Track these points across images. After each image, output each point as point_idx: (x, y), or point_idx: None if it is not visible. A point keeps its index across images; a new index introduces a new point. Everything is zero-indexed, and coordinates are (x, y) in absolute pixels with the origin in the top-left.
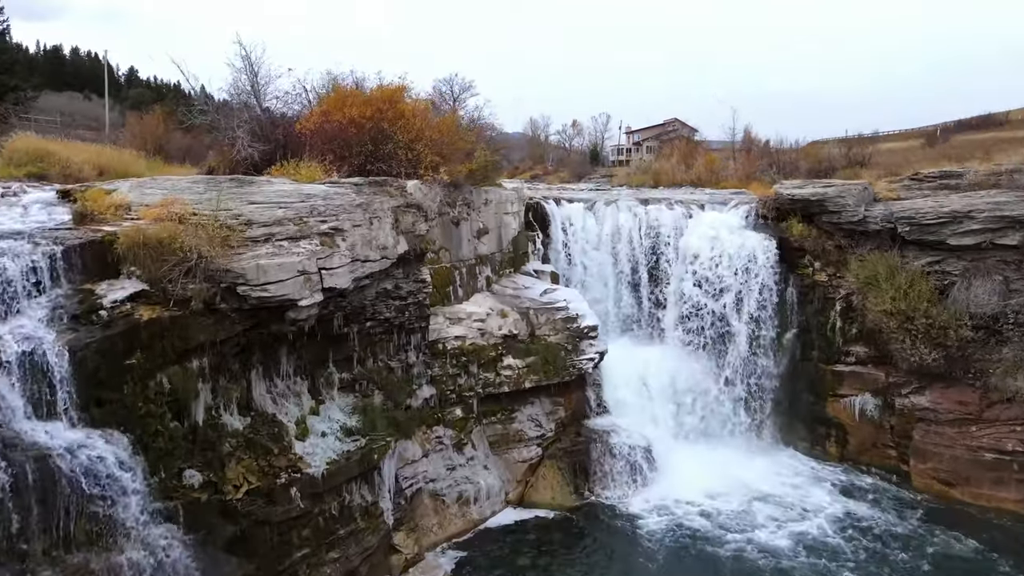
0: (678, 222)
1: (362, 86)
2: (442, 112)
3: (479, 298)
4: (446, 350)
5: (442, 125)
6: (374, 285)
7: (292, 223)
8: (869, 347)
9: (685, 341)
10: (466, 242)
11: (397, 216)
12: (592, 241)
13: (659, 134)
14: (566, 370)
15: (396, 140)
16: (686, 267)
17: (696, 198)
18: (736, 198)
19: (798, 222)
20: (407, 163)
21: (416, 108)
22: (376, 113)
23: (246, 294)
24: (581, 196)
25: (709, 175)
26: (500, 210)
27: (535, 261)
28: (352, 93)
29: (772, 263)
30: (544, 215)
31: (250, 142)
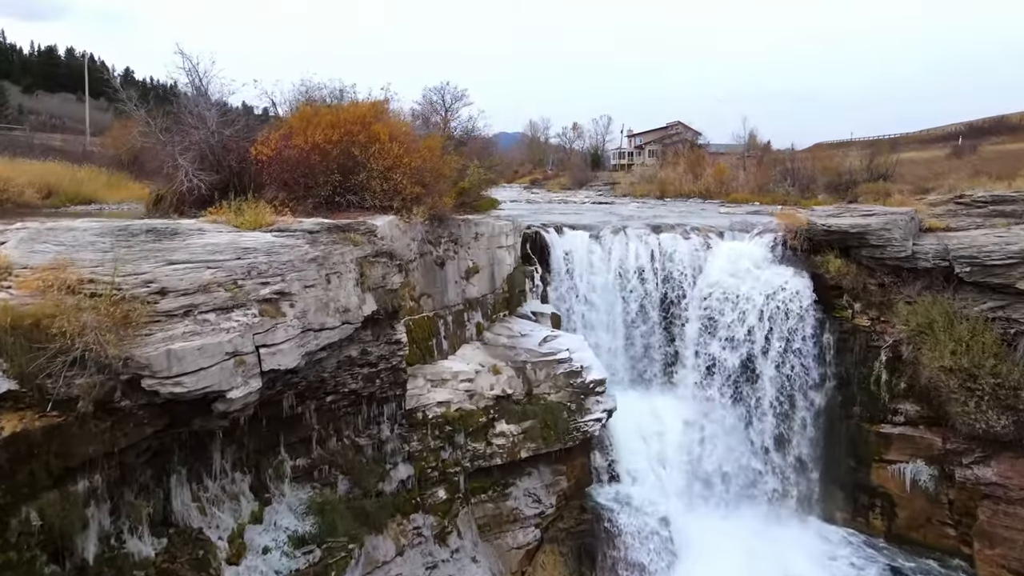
0: (695, 254)
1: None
2: (433, 125)
3: (468, 351)
4: (427, 419)
5: (425, 149)
6: (334, 354)
7: (223, 288)
8: (921, 405)
9: (705, 393)
10: (452, 285)
11: (363, 269)
12: (598, 276)
13: (662, 137)
14: (569, 434)
15: (369, 169)
16: (705, 307)
17: (713, 223)
18: (759, 223)
19: (835, 256)
20: (382, 195)
21: (394, 130)
22: (345, 136)
23: (153, 389)
24: (584, 221)
25: (718, 186)
26: (493, 244)
27: (533, 300)
28: (318, 112)
29: (806, 304)
30: (544, 246)
31: (196, 170)
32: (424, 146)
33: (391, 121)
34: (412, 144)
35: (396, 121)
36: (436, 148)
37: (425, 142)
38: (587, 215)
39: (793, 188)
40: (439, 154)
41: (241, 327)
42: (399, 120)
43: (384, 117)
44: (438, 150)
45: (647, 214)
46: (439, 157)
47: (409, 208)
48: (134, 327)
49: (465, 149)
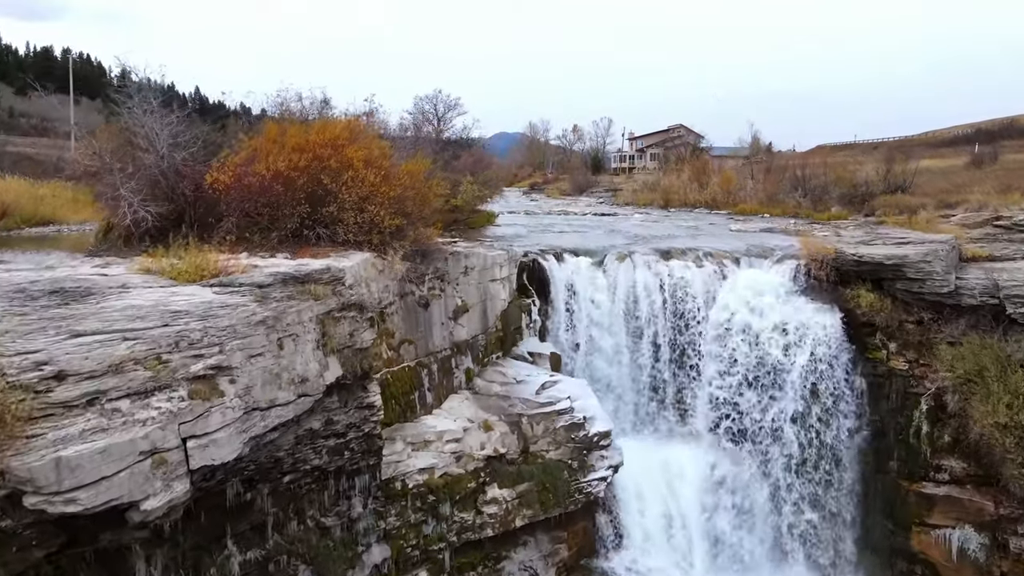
0: (709, 283)
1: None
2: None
3: (456, 402)
4: (407, 489)
5: (406, 175)
6: (291, 430)
7: (142, 366)
8: (969, 463)
9: (722, 441)
10: (438, 327)
11: (326, 328)
12: (602, 309)
13: (663, 140)
14: (570, 496)
15: (341, 200)
16: (721, 344)
17: (727, 247)
18: (777, 246)
19: (867, 290)
20: (357, 229)
21: (371, 154)
22: (314, 162)
23: (39, 507)
24: (587, 243)
25: (725, 196)
26: (485, 278)
27: (531, 338)
28: (285, 132)
29: (834, 343)
30: (542, 276)
31: (142, 201)
32: (404, 171)
33: (368, 142)
34: (392, 169)
35: (374, 142)
36: (420, 172)
37: (405, 166)
38: (590, 235)
39: (805, 199)
40: (423, 179)
41: (163, 416)
42: (378, 141)
43: (361, 137)
44: (422, 174)
45: (653, 232)
46: (423, 182)
47: (388, 243)
48: (13, 425)
49: (457, 164)
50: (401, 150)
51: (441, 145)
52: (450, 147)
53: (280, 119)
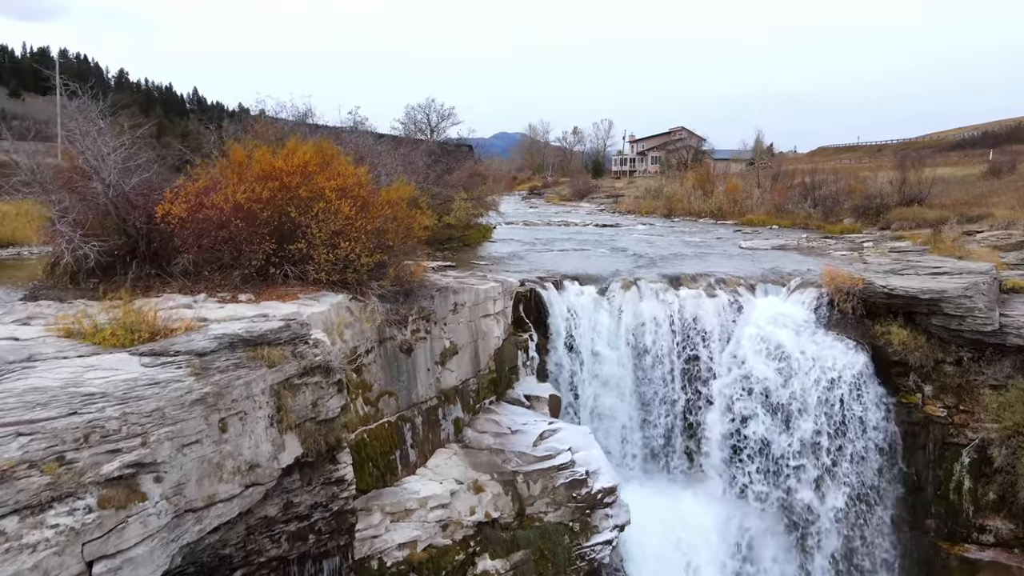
0: (723, 316)
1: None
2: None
3: (442, 460)
4: (384, 569)
5: (385, 205)
6: (242, 521)
7: (38, 470)
8: (1017, 523)
9: (741, 493)
10: (423, 374)
11: (282, 400)
12: (606, 344)
13: (665, 143)
14: (571, 564)
15: (311, 235)
16: (738, 384)
17: (740, 271)
18: (794, 270)
19: (899, 326)
20: (330, 267)
21: (345, 182)
22: (281, 192)
23: None
24: (588, 268)
25: (731, 205)
26: (477, 314)
27: (528, 377)
28: (251, 155)
29: (863, 385)
30: (541, 307)
31: (83, 236)
32: (385, 200)
33: (342, 168)
34: (371, 197)
35: (348, 169)
36: (403, 200)
37: (386, 194)
38: (592, 253)
39: (815, 209)
40: (407, 207)
41: (62, 536)
42: (352, 167)
43: (335, 163)
44: (405, 202)
45: (658, 249)
46: (407, 211)
47: (365, 283)
48: None
49: (451, 179)
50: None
51: (434, 158)
52: (443, 159)
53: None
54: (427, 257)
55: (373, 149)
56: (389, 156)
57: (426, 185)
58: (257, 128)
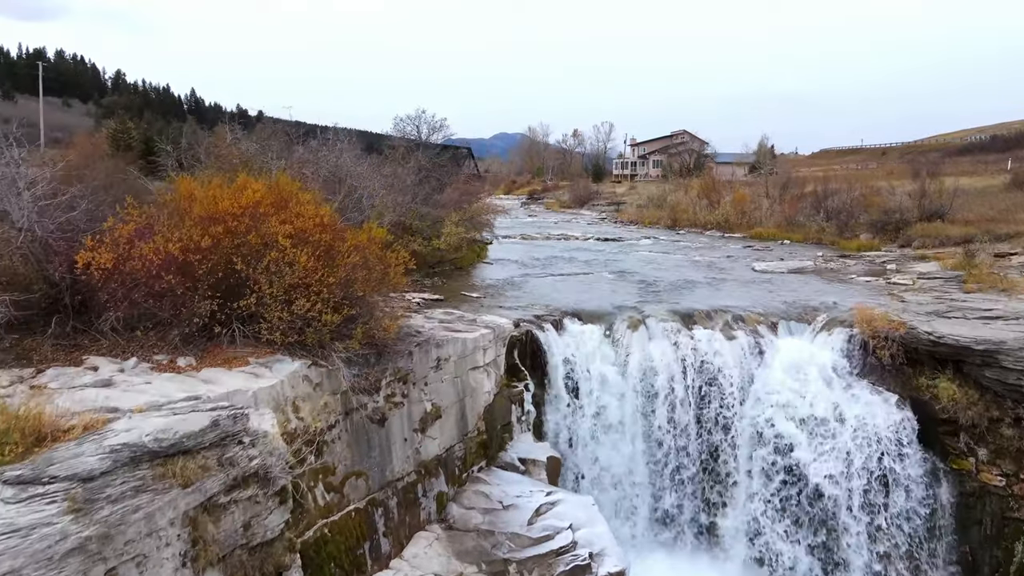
0: (744, 361)
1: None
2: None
3: (421, 547)
4: None
5: (352, 249)
6: None
7: None
8: None
9: (756, 564)
10: (400, 446)
11: (199, 528)
12: (612, 394)
13: (666, 146)
14: None
15: (261, 291)
16: (761, 442)
17: (759, 304)
18: (819, 302)
19: (948, 379)
20: (285, 327)
21: (304, 225)
22: (226, 239)
23: None
24: (592, 302)
25: (739, 217)
26: (464, 368)
27: (523, 435)
28: (190, 197)
29: (906, 447)
30: (538, 351)
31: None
32: (352, 245)
33: (302, 208)
34: (337, 241)
35: (308, 209)
36: (376, 241)
37: (354, 236)
38: (594, 279)
39: (828, 223)
40: (381, 250)
41: None
42: (313, 207)
43: (293, 201)
44: (379, 244)
45: (666, 272)
46: (381, 252)
47: (329, 344)
48: None
49: (441, 198)
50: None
51: (424, 174)
52: (435, 174)
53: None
54: (413, 286)
55: (352, 171)
56: (372, 176)
57: (414, 205)
58: (220, 150)
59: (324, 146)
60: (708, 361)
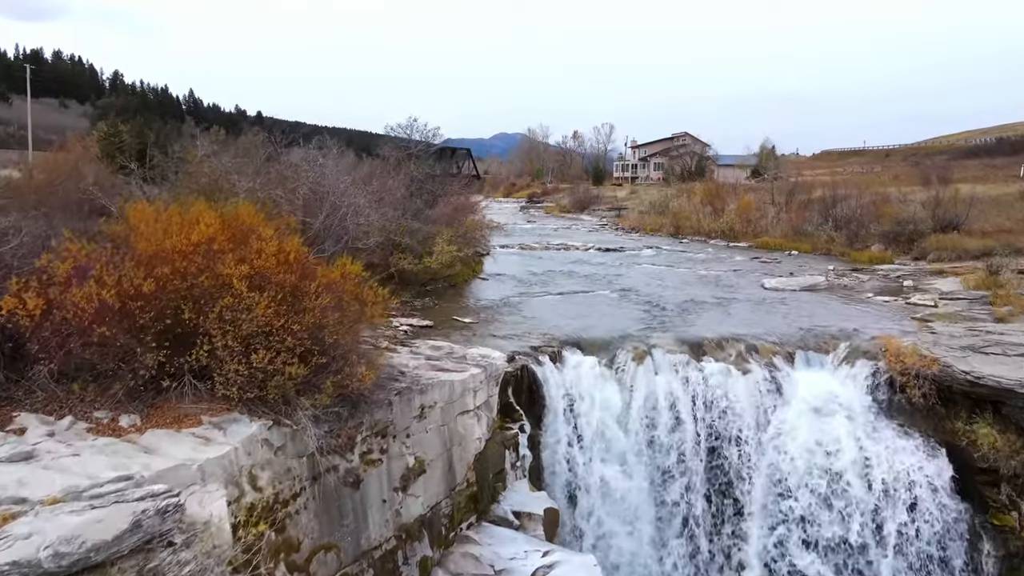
0: (759, 398)
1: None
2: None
3: None
4: None
5: (326, 290)
6: None
7: None
8: None
9: None
10: (377, 509)
11: None
12: (615, 433)
13: (668, 148)
14: None
15: (213, 342)
16: (779, 491)
17: (773, 331)
18: (842, 331)
19: (987, 424)
20: (243, 382)
21: (264, 264)
22: (174, 282)
23: None
24: (593, 327)
25: (744, 225)
26: (452, 414)
27: (518, 482)
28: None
29: (941, 499)
30: (534, 386)
31: None
32: (321, 284)
33: (263, 246)
34: (304, 280)
35: (269, 246)
36: (352, 277)
37: (324, 275)
38: (596, 299)
39: (838, 233)
40: (357, 287)
41: None
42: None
43: (256, 235)
44: (354, 286)
45: (669, 286)
46: (356, 292)
47: (294, 400)
48: None
49: (433, 213)
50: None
51: (417, 185)
52: (428, 186)
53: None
54: (402, 308)
55: (335, 187)
56: (357, 192)
57: (404, 220)
58: (190, 167)
59: (306, 160)
60: (720, 398)
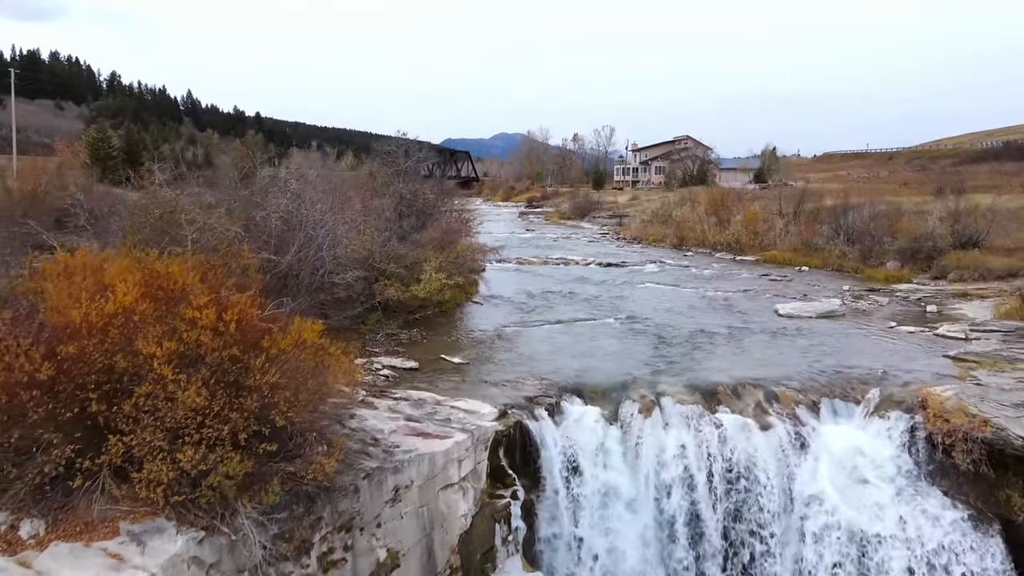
0: (783, 458)
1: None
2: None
3: None
4: None
5: (276, 363)
6: None
7: None
8: None
9: None
10: None
11: None
12: (620, 497)
13: (669, 151)
14: None
15: (131, 438)
16: (808, 568)
17: (790, 368)
18: (871, 372)
19: None
20: (171, 482)
21: (197, 336)
22: (78, 363)
23: None
24: (595, 368)
25: (751, 237)
26: (432, 491)
27: (511, 559)
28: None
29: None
30: (529, 443)
31: None
32: (270, 357)
33: (198, 313)
34: (249, 353)
35: (208, 315)
36: (309, 346)
37: (276, 342)
38: (601, 340)
39: (850, 248)
40: (317, 355)
41: None
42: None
43: (189, 299)
44: (313, 348)
45: (676, 312)
46: (315, 362)
47: (233, 501)
48: None
49: (421, 237)
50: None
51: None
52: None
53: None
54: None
55: (309, 216)
56: (336, 219)
57: (391, 245)
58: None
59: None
60: (739, 459)
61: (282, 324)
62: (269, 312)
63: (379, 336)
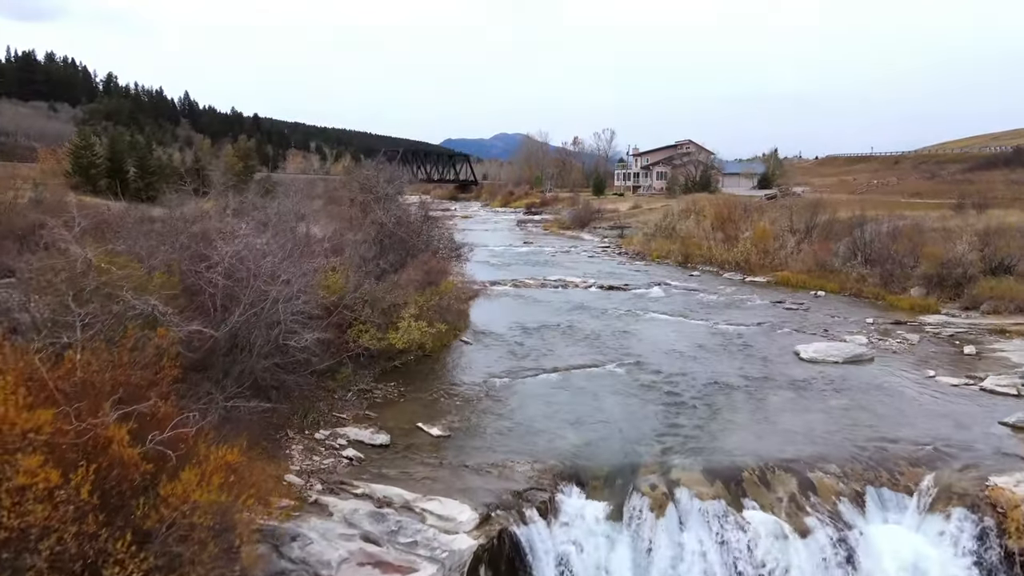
0: (826, 573)
1: None
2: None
3: None
4: None
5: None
6: None
7: None
8: None
9: None
10: None
11: None
12: None
13: (670, 156)
14: None
15: None
16: None
17: (829, 445)
18: (918, 443)
19: None
20: None
21: (29, 520)
22: None
23: None
24: (596, 436)
25: (761, 257)
26: None
27: None
28: None
29: None
30: (517, 559)
31: None
32: (157, 519)
33: (25, 480)
34: (105, 530)
35: (39, 476)
36: (204, 510)
37: (175, 490)
38: (603, 396)
39: (870, 271)
40: (231, 491)
41: None
42: (56, 467)
43: (23, 449)
44: (223, 485)
45: (686, 351)
46: (223, 507)
47: None
48: None
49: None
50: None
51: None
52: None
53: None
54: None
55: (260, 268)
56: (292, 267)
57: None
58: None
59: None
60: (767, 563)
61: (186, 448)
62: (170, 432)
63: (349, 395)
